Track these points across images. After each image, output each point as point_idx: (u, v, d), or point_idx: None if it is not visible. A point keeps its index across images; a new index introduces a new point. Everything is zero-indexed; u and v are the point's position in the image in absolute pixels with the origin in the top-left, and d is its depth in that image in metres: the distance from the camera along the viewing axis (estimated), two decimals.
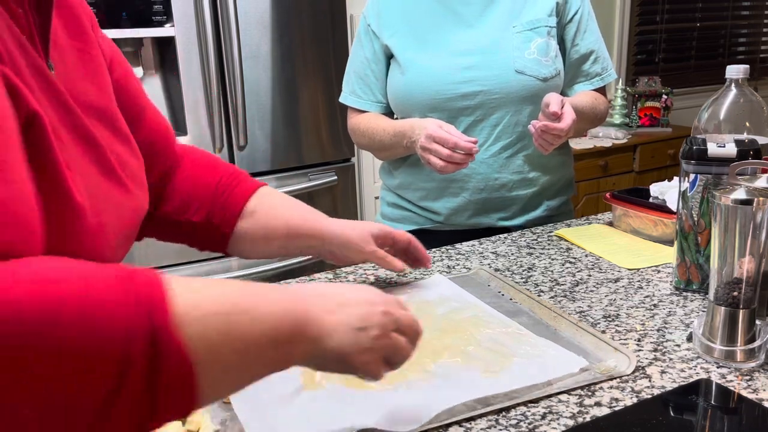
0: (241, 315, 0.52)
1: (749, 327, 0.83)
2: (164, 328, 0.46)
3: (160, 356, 0.46)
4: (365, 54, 1.46)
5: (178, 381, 0.47)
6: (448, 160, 1.23)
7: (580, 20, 1.42)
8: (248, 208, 0.93)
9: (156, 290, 0.47)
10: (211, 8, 2.14)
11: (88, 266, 0.47)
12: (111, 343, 0.44)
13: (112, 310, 0.45)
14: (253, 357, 0.53)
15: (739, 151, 0.97)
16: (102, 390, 0.44)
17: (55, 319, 0.42)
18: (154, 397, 0.46)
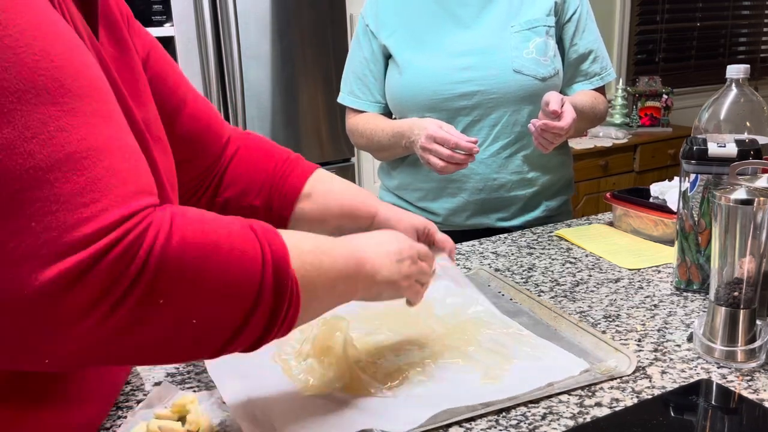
0: (324, 255, 0.67)
1: (750, 327, 0.83)
2: (284, 264, 0.60)
3: (281, 284, 0.59)
4: (363, 54, 1.46)
5: (292, 303, 0.61)
6: (448, 160, 1.23)
7: (579, 20, 1.41)
8: (305, 191, 0.97)
9: (273, 235, 0.61)
10: (210, 8, 2.14)
11: (222, 217, 0.60)
12: (251, 273, 0.57)
13: (251, 250, 0.58)
14: (330, 287, 0.68)
15: (739, 151, 0.97)
16: (243, 309, 0.57)
17: (216, 254, 0.55)
18: (276, 316, 0.59)
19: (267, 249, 0.59)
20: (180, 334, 0.55)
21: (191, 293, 0.54)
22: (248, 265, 0.57)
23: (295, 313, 0.62)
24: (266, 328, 0.60)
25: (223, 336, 0.58)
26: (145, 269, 0.51)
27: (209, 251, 0.55)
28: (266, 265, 0.58)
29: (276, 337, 0.62)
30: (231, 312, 0.57)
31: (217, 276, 0.55)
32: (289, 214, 0.96)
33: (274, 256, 0.59)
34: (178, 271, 0.53)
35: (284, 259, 0.60)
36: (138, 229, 0.51)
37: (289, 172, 0.97)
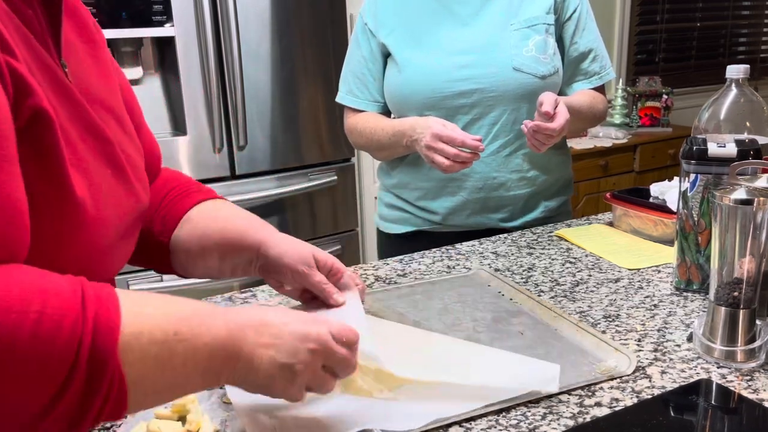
0: (180, 343, 0.56)
1: (749, 327, 0.83)
2: (107, 352, 0.51)
3: (99, 378, 0.51)
4: (362, 53, 1.46)
5: (112, 398, 0.52)
6: (454, 158, 1.23)
7: (579, 18, 1.41)
8: (186, 217, 0.87)
9: (106, 313, 0.52)
10: (210, 8, 2.14)
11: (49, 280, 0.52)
12: (60, 360, 0.49)
13: (65, 330, 0.49)
14: (181, 381, 0.58)
15: (739, 151, 0.97)
16: (45, 397, 0.49)
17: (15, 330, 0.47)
18: (88, 409, 0.51)
19: (90, 327, 0.50)
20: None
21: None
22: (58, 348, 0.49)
23: (120, 406, 0.53)
24: (80, 418, 0.52)
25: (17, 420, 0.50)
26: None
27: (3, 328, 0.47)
28: (81, 349, 0.49)
29: (91, 426, 0.53)
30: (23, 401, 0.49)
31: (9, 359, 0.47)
32: (167, 240, 0.86)
33: (96, 338, 0.50)
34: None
35: (109, 344, 0.51)
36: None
37: (179, 200, 0.89)
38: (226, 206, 0.91)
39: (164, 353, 0.55)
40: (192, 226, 0.87)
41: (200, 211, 0.88)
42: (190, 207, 0.88)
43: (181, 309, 0.59)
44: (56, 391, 0.49)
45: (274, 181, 2.37)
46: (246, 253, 0.86)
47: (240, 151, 2.29)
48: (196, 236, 0.86)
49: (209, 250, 0.86)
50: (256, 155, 2.33)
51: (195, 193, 0.90)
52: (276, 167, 2.38)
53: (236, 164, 2.29)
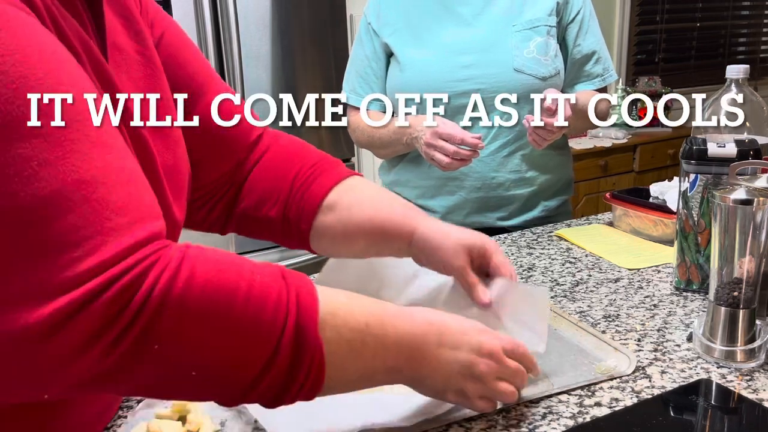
0: (370, 336, 0.60)
1: (749, 327, 0.83)
2: (309, 326, 0.54)
3: (302, 349, 0.54)
4: (365, 52, 1.47)
5: (312, 372, 0.55)
6: (453, 156, 1.23)
7: (582, 20, 1.42)
8: (327, 202, 0.83)
9: (307, 291, 0.56)
10: (211, 8, 2.14)
11: (247, 261, 0.55)
12: (269, 329, 0.53)
13: (272, 301, 0.53)
14: (369, 374, 0.61)
15: (739, 151, 0.97)
16: (257, 365, 0.53)
17: (229, 301, 0.51)
18: (292, 380, 0.55)
19: (294, 304, 0.54)
20: (179, 382, 0.53)
21: (192, 343, 0.51)
22: (266, 319, 0.53)
23: (316, 385, 0.56)
24: (281, 391, 0.55)
25: (229, 389, 0.54)
26: (140, 313, 0.48)
27: (220, 298, 0.51)
28: (288, 323, 0.53)
29: (296, 401, 0.57)
30: (238, 368, 0.53)
31: (226, 327, 0.51)
32: (308, 227, 0.83)
33: (300, 314, 0.54)
34: (177, 319, 0.49)
35: (311, 321, 0.55)
36: (138, 269, 0.49)
37: (312, 180, 0.84)
38: (367, 188, 0.87)
39: (357, 341, 0.58)
40: (337, 214, 0.82)
41: (341, 195, 0.83)
42: (328, 190, 0.83)
43: (370, 303, 0.62)
44: (265, 361, 0.53)
45: None
46: (396, 243, 0.83)
47: None
48: (342, 224, 0.82)
49: (357, 237, 0.84)
50: None
51: (328, 172, 0.85)
52: None
53: None
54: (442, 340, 0.64)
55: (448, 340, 0.65)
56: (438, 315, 0.68)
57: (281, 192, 0.84)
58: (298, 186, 0.84)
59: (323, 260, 0.95)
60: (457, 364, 0.65)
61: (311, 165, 0.86)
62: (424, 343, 0.63)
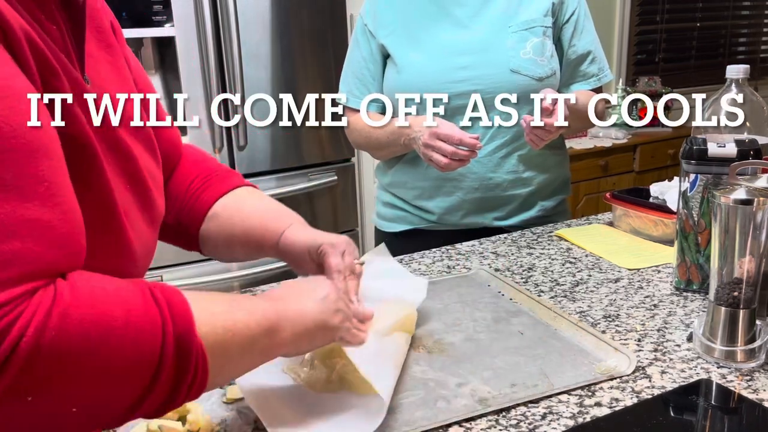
0: (239, 311, 0.63)
1: (749, 327, 0.83)
2: (189, 333, 0.56)
3: (185, 355, 0.55)
4: (362, 54, 1.47)
5: (198, 373, 0.57)
6: (452, 156, 1.23)
7: (577, 21, 1.42)
8: (213, 211, 0.90)
9: (178, 301, 0.57)
10: (211, 8, 2.14)
11: (122, 285, 0.55)
12: (151, 348, 0.53)
13: (149, 324, 0.54)
14: (249, 345, 0.63)
15: (739, 151, 0.97)
16: (139, 388, 0.53)
17: (107, 336, 0.51)
18: (178, 388, 0.56)
19: (168, 319, 0.55)
20: (60, 422, 0.51)
21: (70, 385, 0.50)
22: (146, 343, 0.53)
23: (203, 380, 0.58)
24: (169, 398, 0.56)
25: (115, 413, 0.54)
26: (6, 367, 0.46)
27: (98, 334, 0.50)
28: (167, 338, 0.54)
29: (183, 402, 0.58)
30: (123, 394, 0.53)
31: (106, 361, 0.51)
32: (196, 233, 0.90)
33: (176, 327, 0.55)
34: (51, 365, 0.48)
35: (188, 327, 0.56)
36: (5, 321, 0.46)
37: (203, 190, 0.90)
38: (251, 199, 0.93)
39: (228, 320, 0.61)
40: (218, 223, 0.90)
41: (225, 205, 0.90)
42: (214, 201, 0.90)
43: (223, 296, 0.66)
44: (146, 387, 0.54)
45: (274, 181, 2.37)
46: (267, 252, 0.90)
47: (240, 151, 2.29)
48: (223, 233, 0.90)
49: (234, 245, 0.90)
50: (256, 155, 2.33)
51: (218, 184, 0.92)
52: (276, 167, 2.38)
53: (236, 164, 2.29)
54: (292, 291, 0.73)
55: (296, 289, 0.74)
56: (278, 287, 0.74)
57: (177, 200, 0.90)
58: (191, 194, 0.90)
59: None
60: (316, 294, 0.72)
61: (205, 175, 0.92)
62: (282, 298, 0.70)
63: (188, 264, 2.19)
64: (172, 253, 1.77)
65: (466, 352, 0.88)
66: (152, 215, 0.74)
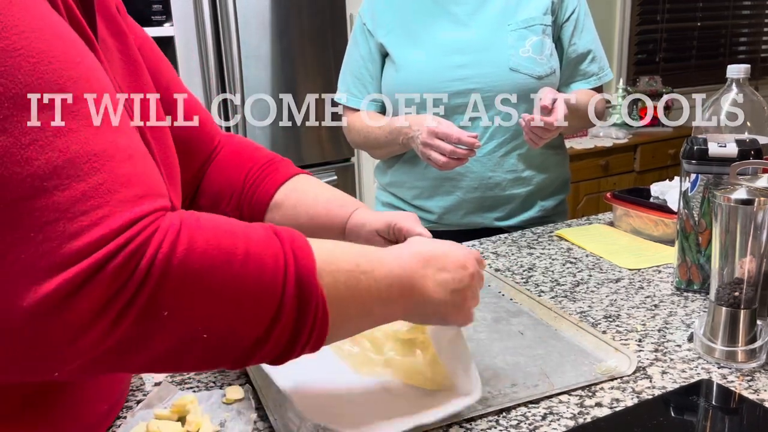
0: (362, 274, 0.62)
1: (750, 327, 0.83)
2: (309, 277, 0.56)
3: (305, 298, 0.56)
4: (360, 53, 1.46)
5: (318, 320, 0.57)
6: (450, 155, 1.23)
7: (578, 19, 1.42)
8: (275, 201, 0.91)
9: (300, 244, 0.58)
10: (210, 8, 2.14)
11: (243, 223, 0.57)
12: (270, 285, 0.54)
13: (271, 259, 0.55)
14: (367, 310, 0.63)
15: (740, 151, 0.97)
16: (264, 321, 0.54)
17: (230, 262, 0.52)
18: (299, 332, 0.56)
19: (291, 259, 0.56)
20: (191, 347, 0.53)
21: (199, 305, 0.52)
22: (267, 277, 0.54)
23: (322, 332, 0.58)
24: (289, 344, 0.57)
25: (239, 349, 0.55)
26: (146, 280, 0.49)
27: (221, 260, 0.52)
28: (288, 277, 0.55)
29: (303, 353, 0.59)
30: (247, 325, 0.54)
31: (230, 287, 0.52)
32: None
33: (298, 268, 0.56)
34: (182, 282, 0.50)
35: (310, 272, 0.56)
36: (141, 237, 0.49)
37: (262, 180, 0.91)
38: (311, 186, 0.93)
39: (351, 280, 0.60)
40: (282, 212, 0.90)
41: (288, 194, 0.91)
42: (275, 189, 0.91)
43: (354, 247, 0.65)
44: (272, 317, 0.54)
45: None
46: (331, 234, 0.90)
47: None
48: (288, 221, 0.89)
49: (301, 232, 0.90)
50: None
51: (276, 173, 0.92)
52: None
53: None
54: (428, 267, 0.68)
55: (434, 265, 0.68)
56: (425, 244, 0.71)
57: (234, 190, 0.90)
58: (250, 185, 0.91)
59: None
60: (449, 282, 0.69)
61: (261, 165, 0.92)
62: (411, 273, 0.66)
63: None
64: None
65: None
66: None
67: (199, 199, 0.92)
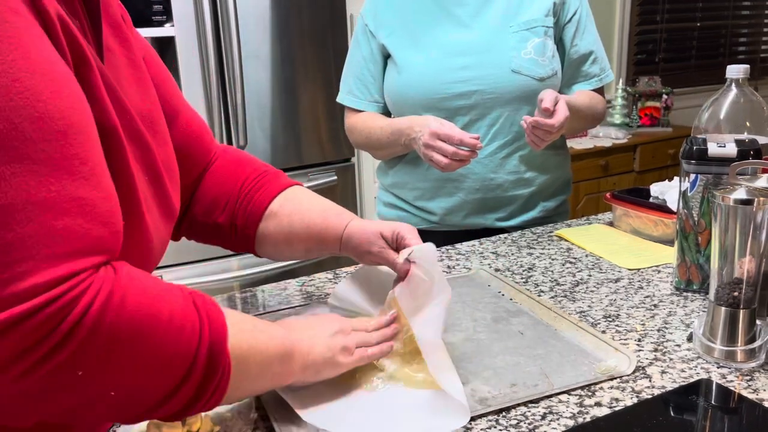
0: (260, 333, 0.66)
1: (749, 327, 0.83)
2: (221, 342, 0.59)
3: (215, 360, 0.58)
4: (362, 54, 1.46)
5: (221, 381, 0.60)
6: (452, 157, 1.23)
7: (579, 21, 1.42)
8: (270, 210, 0.91)
9: (215, 311, 0.61)
10: (211, 8, 2.14)
11: (167, 285, 0.59)
12: (187, 349, 0.56)
13: (189, 325, 0.57)
14: (266, 368, 0.67)
15: (739, 151, 0.97)
16: (173, 382, 0.56)
17: (154, 327, 0.54)
18: (203, 391, 0.58)
19: (206, 325, 0.58)
20: (95, 404, 0.54)
21: (117, 366, 0.52)
22: (185, 340, 0.56)
23: (223, 390, 0.61)
24: (190, 403, 0.59)
25: (142, 407, 0.57)
26: (68, 339, 0.48)
27: (148, 325, 0.53)
28: (203, 341, 0.57)
29: (199, 411, 0.61)
30: (158, 385, 0.56)
31: (150, 349, 0.54)
32: (253, 233, 0.92)
33: (213, 333, 0.58)
34: (107, 345, 0.50)
35: (222, 337, 0.59)
36: (66, 298, 0.48)
37: (257, 190, 0.92)
38: (306, 197, 0.95)
39: (251, 339, 0.64)
40: (277, 221, 0.91)
41: (282, 204, 0.92)
42: (271, 200, 0.92)
43: (248, 317, 0.69)
44: (179, 381, 0.56)
45: None
46: (329, 246, 0.93)
47: None
48: (284, 232, 0.91)
49: (296, 243, 0.92)
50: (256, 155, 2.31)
51: (270, 183, 0.93)
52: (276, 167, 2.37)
53: None
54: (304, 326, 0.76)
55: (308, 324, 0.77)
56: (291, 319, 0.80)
57: (229, 200, 0.91)
58: (244, 195, 0.91)
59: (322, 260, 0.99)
60: (325, 331, 0.76)
61: (256, 176, 0.93)
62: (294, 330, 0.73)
63: (188, 264, 2.19)
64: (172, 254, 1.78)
65: (466, 352, 0.88)
66: (167, 208, 0.74)
67: (193, 207, 0.92)
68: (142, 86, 0.74)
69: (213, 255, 2.23)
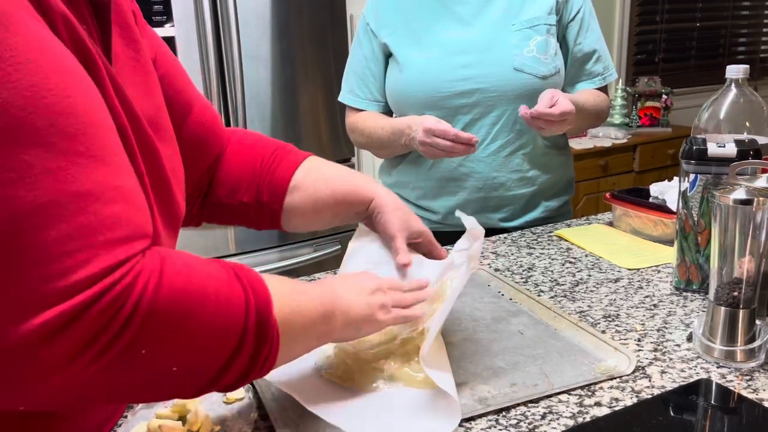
0: (300, 294, 0.68)
1: (749, 327, 0.83)
2: (267, 310, 0.61)
3: (264, 329, 0.60)
4: (364, 53, 1.47)
5: (272, 347, 0.61)
6: (450, 152, 1.24)
7: (583, 19, 1.42)
8: (294, 182, 0.93)
9: (257, 281, 0.62)
10: (211, 8, 2.14)
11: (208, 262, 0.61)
12: (236, 321, 0.58)
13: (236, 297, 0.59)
14: (309, 327, 0.68)
15: (739, 151, 0.97)
16: (226, 355, 0.58)
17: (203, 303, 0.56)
18: (256, 360, 0.60)
19: (251, 295, 0.60)
20: (160, 381, 0.56)
21: (175, 343, 0.54)
22: (233, 313, 0.58)
23: (274, 356, 0.62)
24: (245, 372, 0.60)
25: (203, 380, 0.58)
26: (130, 322, 0.50)
27: (196, 301, 0.55)
28: (250, 312, 0.59)
29: (254, 378, 0.63)
30: (213, 358, 0.58)
31: (202, 325, 0.55)
32: (280, 207, 0.93)
33: (258, 302, 0.60)
34: (165, 323, 0.53)
35: (267, 305, 0.61)
36: (126, 281, 0.50)
37: (277, 165, 0.94)
38: (326, 166, 0.97)
39: (293, 302, 0.66)
40: (303, 192, 0.93)
41: (305, 175, 0.94)
42: (293, 172, 0.93)
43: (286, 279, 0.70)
44: (231, 353, 0.58)
45: None
46: (356, 210, 0.95)
47: None
48: (311, 202, 0.93)
49: (324, 210, 0.94)
50: None
51: (288, 156, 0.95)
52: None
53: None
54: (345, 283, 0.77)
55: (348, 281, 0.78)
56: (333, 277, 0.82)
57: (252, 178, 0.93)
58: (266, 171, 0.93)
59: (322, 260, 0.99)
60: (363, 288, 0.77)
61: (272, 152, 0.95)
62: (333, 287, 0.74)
63: None
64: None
65: (465, 352, 0.88)
66: (171, 214, 0.74)
67: (216, 190, 0.94)
68: (148, 90, 0.74)
69: (213, 255, 2.23)
